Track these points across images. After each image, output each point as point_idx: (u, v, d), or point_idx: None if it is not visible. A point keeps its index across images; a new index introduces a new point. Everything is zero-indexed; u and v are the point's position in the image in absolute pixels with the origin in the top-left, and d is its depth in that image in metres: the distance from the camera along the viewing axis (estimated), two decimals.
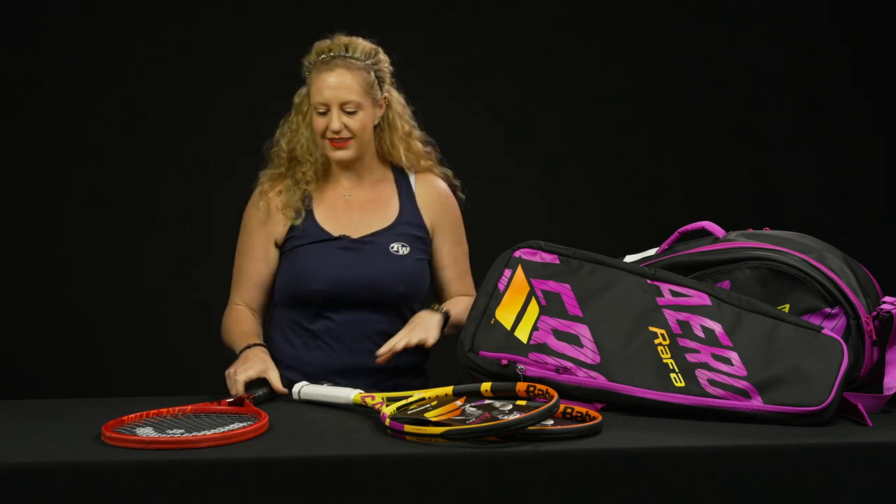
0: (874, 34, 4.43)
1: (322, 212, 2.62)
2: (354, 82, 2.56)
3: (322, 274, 2.55)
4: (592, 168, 4.39)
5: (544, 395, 1.97)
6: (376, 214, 2.62)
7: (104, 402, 2.29)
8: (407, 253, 2.59)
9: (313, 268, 2.56)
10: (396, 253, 2.58)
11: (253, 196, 2.68)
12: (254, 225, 2.64)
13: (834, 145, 4.44)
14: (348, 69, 2.57)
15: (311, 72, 2.59)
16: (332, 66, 2.56)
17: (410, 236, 2.61)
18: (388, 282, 2.54)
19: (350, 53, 2.58)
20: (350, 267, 2.55)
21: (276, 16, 4.15)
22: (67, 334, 4.19)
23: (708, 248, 2.21)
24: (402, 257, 2.58)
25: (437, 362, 2.66)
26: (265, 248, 2.63)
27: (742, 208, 4.34)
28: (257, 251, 2.63)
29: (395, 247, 2.59)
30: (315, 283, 2.55)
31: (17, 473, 1.70)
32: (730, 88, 4.42)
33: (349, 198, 2.64)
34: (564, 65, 4.37)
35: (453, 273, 2.66)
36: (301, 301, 2.58)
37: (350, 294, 2.54)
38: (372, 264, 2.56)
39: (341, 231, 2.59)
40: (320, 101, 2.55)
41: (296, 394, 2.20)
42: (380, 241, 2.59)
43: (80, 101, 4.17)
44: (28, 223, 4.18)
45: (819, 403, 1.94)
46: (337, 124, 2.55)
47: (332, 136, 2.56)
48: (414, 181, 2.68)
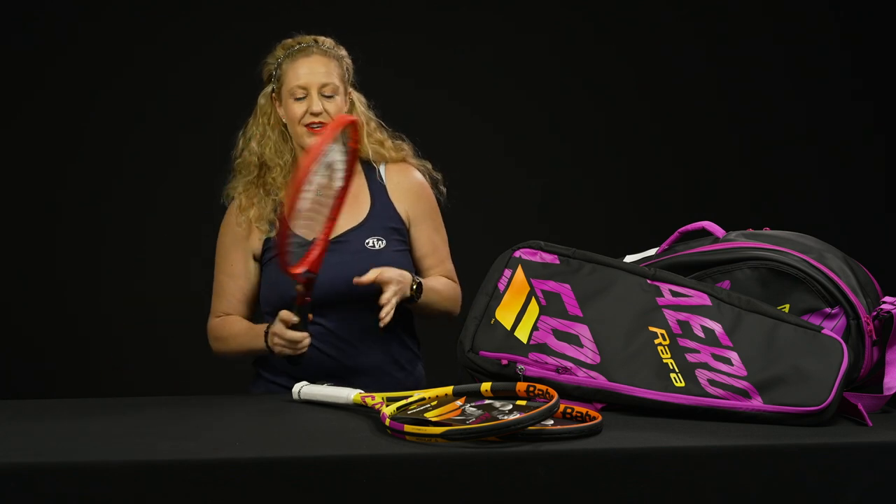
0: (874, 34, 4.43)
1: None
2: (331, 68, 2.60)
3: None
4: (592, 168, 4.39)
5: (544, 395, 1.97)
6: (348, 212, 2.59)
7: (105, 402, 2.29)
8: (383, 247, 2.59)
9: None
10: (373, 248, 2.58)
11: (228, 212, 2.68)
12: (231, 242, 2.65)
13: (834, 145, 4.44)
14: (325, 55, 2.61)
15: (283, 63, 2.61)
16: (309, 52, 2.60)
17: (386, 229, 2.61)
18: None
19: (321, 45, 2.62)
20: (328, 269, 2.54)
21: (275, 16, 4.15)
22: (62, 335, 4.20)
23: (708, 248, 2.21)
24: (378, 252, 2.58)
25: (437, 362, 2.66)
26: (244, 265, 2.64)
27: (742, 208, 4.34)
28: (236, 267, 2.64)
29: (370, 242, 2.58)
30: (294, 289, 2.55)
31: (17, 473, 1.70)
32: (730, 88, 4.43)
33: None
34: (565, 65, 4.38)
35: (434, 261, 2.66)
36: (284, 309, 2.57)
37: (332, 295, 2.53)
38: (349, 263, 2.55)
39: (314, 234, 2.59)
40: (299, 85, 2.56)
41: (296, 394, 2.20)
42: (354, 238, 2.59)
43: (78, 101, 4.18)
44: (25, 223, 4.18)
45: (819, 403, 1.94)
46: (318, 106, 2.56)
47: (310, 119, 2.56)
48: (384, 172, 2.68)
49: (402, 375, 2.60)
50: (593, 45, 4.39)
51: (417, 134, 2.78)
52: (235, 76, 4.06)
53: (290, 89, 2.58)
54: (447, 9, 4.32)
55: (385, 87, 2.76)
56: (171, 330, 4.13)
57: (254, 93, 2.71)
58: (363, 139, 2.63)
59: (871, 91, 4.43)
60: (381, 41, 2.71)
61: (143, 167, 4.20)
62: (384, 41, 2.70)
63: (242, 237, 2.63)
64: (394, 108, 2.76)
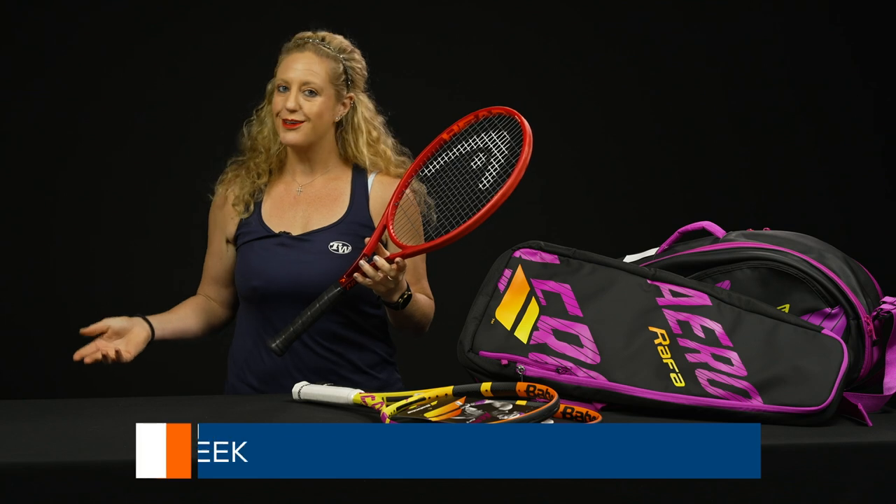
0: (875, 34, 4.43)
1: (268, 207, 2.62)
2: (320, 67, 2.57)
3: (259, 271, 2.55)
4: (592, 168, 4.39)
5: (544, 395, 1.97)
6: (321, 212, 2.59)
7: (104, 401, 2.29)
8: (348, 252, 2.55)
9: (254, 264, 2.56)
10: (335, 252, 2.55)
11: (217, 192, 2.69)
12: (212, 221, 2.67)
13: (834, 145, 4.44)
14: (317, 54, 2.58)
15: (282, 53, 2.61)
16: (303, 48, 2.59)
17: (355, 235, 2.57)
18: (322, 281, 2.45)
19: (323, 43, 2.60)
20: (285, 265, 2.52)
21: (275, 16, 4.15)
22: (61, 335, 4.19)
23: (708, 248, 2.21)
24: (341, 256, 2.54)
25: (438, 362, 2.65)
26: (220, 245, 2.65)
27: (742, 208, 4.34)
28: (214, 246, 2.66)
29: (335, 245, 2.56)
30: (253, 279, 2.55)
31: (17, 473, 1.70)
32: (730, 89, 4.43)
33: (300, 194, 2.62)
34: (565, 64, 4.37)
35: (412, 279, 2.60)
36: (247, 298, 2.58)
37: (284, 292, 2.52)
38: (307, 262, 2.54)
39: (283, 228, 2.58)
40: (282, 79, 2.56)
41: (296, 394, 2.20)
42: (319, 239, 2.57)
43: (76, 101, 4.18)
44: (23, 223, 4.18)
45: (819, 403, 1.94)
46: (292, 103, 2.54)
47: (285, 115, 2.55)
48: (371, 181, 2.64)
49: (361, 379, 2.58)
50: (594, 45, 4.39)
51: (417, 134, 2.77)
52: (235, 76, 4.08)
53: (277, 81, 2.59)
54: (447, 8, 4.32)
55: (385, 87, 2.76)
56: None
57: (252, 94, 2.71)
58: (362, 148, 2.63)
59: (872, 91, 4.43)
60: (383, 41, 2.70)
61: (141, 167, 4.20)
62: (385, 41, 2.69)
63: (221, 218, 2.65)
64: (394, 108, 2.75)
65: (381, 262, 2.34)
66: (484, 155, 2.37)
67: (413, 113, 2.88)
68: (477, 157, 2.38)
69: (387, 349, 2.66)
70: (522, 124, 2.33)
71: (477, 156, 2.38)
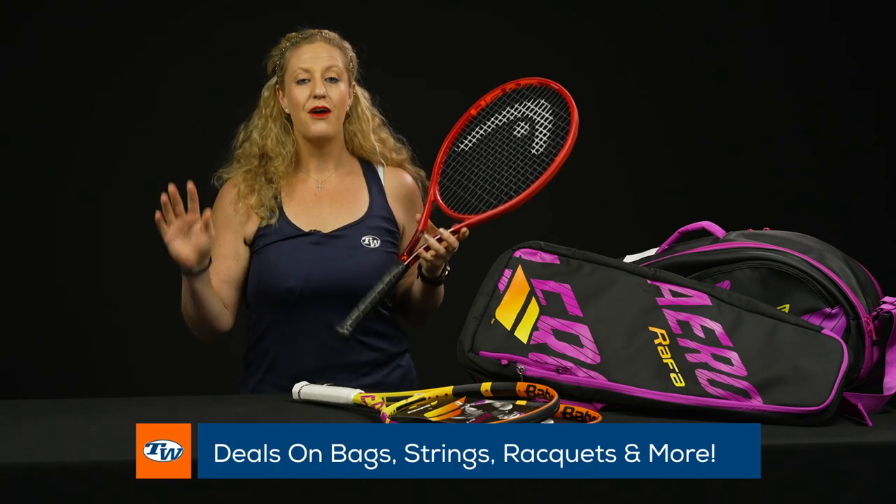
0: (875, 34, 4.43)
1: (292, 207, 2.61)
2: (336, 54, 2.59)
3: (295, 271, 2.53)
4: (592, 168, 4.39)
5: (544, 395, 1.97)
6: (347, 207, 2.60)
7: (105, 401, 2.29)
8: (377, 246, 2.58)
9: (286, 265, 2.54)
10: (368, 246, 2.57)
11: (221, 194, 2.64)
12: (222, 222, 2.59)
13: (834, 145, 4.44)
14: (329, 44, 2.61)
15: (287, 52, 2.60)
16: (313, 39, 2.61)
17: (381, 229, 2.60)
18: (360, 275, 2.50)
19: (325, 35, 2.62)
20: (323, 262, 2.52)
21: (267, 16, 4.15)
22: (62, 334, 4.20)
23: (708, 248, 2.21)
24: (372, 251, 2.57)
25: (438, 362, 2.65)
26: (235, 246, 2.59)
27: (742, 208, 4.34)
28: (226, 248, 2.58)
29: (366, 240, 2.57)
30: (289, 280, 2.53)
31: (17, 473, 1.70)
32: (730, 89, 4.43)
33: (321, 190, 2.62)
34: (565, 64, 4.37)
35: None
36: (276, 300, 2.56)
37: (324, 290, 2.52)
38: (344, 258, 2.55)
39: (312, 226, 2.58)
40: (302, 68, 2.56)
41: (296, 394, 2.20)
42: (351, 234, 2.58)
43: (78, 102, 4.18)
44: (25, 223, 4.18)
45: (819, 403, 1.94)
46: (321, 88, 2.54)
47: (313, 104, 2.54)
48: (383, 174, 2.67)
49: (383, 372, 2.59)
50: (593, 45, 4.39)
51: (417, 134, 2.77)
52: (235, 76, 4.08)
53: (293, 73, 2.57)
54: (447, 9, 4.32)
55: (386, 87, 2.76)
56: (172, 329, 4.12)
57: (251, 93, 2.71)
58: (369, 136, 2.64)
59: (872, 92, 4.43)
60: (381, 41, 2.70)
61: (142, 167, 4.19)
62: (384, 41, 2.70)
63: (236, 220, 2.60)
64: (393, 108, 2.76)
65: (447, 234, 2.40)
66: (526, 123, 2.40)
67: (413, 113, 2.88)
68: (519, 126, 2.42)
69: (404, 337, 2.70)
70: (561, 90, 2.44)
71: (518, 125, 2.42)
